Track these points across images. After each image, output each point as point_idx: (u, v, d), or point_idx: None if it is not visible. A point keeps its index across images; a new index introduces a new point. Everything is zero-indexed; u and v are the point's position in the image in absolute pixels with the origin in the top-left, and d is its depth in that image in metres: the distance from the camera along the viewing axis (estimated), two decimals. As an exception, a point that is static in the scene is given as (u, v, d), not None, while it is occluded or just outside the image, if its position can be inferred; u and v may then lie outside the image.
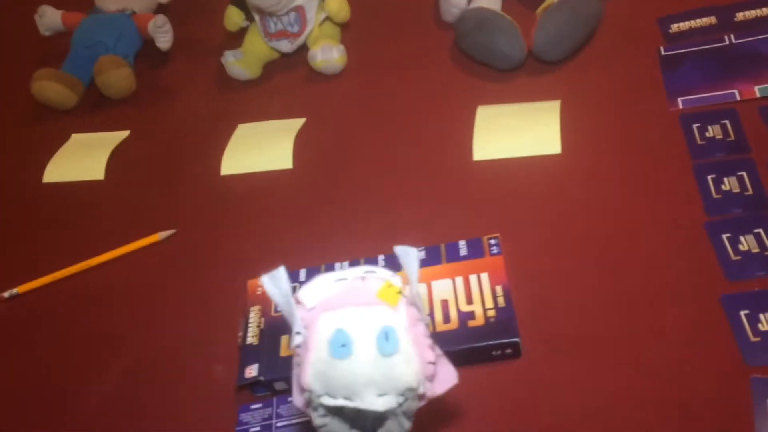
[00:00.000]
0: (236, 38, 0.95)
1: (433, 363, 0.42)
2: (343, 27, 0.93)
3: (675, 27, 0.81)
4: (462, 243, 0.64)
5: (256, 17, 0.90)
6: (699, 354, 0.54)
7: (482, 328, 0.57)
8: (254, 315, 0.63)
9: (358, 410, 0.41)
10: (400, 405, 0.41)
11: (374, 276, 0.43)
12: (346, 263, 0.65)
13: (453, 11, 0.88)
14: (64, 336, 0.70)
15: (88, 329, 0.70)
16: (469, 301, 0.59)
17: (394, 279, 0.43)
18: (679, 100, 0.72)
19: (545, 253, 0.64)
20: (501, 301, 0.58)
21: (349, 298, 0.42)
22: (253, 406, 0.57)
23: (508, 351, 0.57)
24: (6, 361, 0.69)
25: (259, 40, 0.92)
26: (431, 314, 0.59)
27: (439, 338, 0.57)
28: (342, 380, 0.41)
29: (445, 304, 0.59)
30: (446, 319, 0.58)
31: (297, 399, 0.45)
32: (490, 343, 0.56)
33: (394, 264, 0.63)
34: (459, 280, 0.61)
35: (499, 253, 0.62)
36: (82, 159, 0.88)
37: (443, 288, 0.60)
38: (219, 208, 0.78)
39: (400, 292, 0.42)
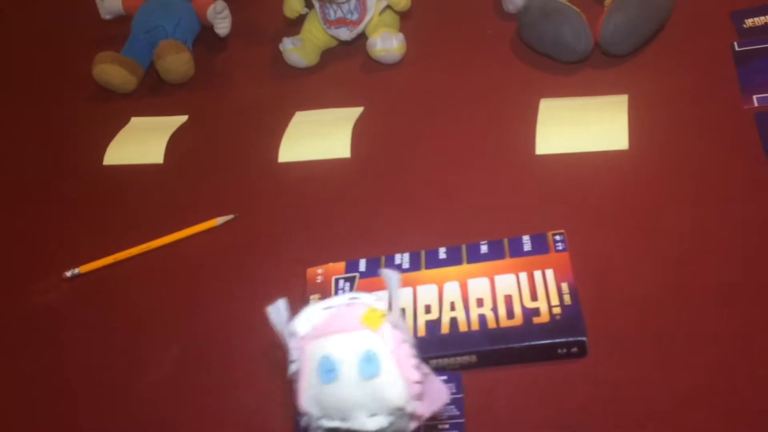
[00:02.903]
0: (295, 25, 0.95)
1: (420, 382, 0.45)
2: (403, 15, 0.93)
3: (749, 22, 0.78)
4: (526, 238, 0.63)
5: (316, 4, 0.90)
6: (774, 361, 0.53)
7: (548, 326, 0.56)
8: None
9: (353, 431, 0.44)
10: (392, 424, 0.44)
11: (359, 302, 0.46)
12: (406, 254, 0.65)
13: (516, 1, 0.86)
14: (124, 316, 0.71)
15: (147, 310, 0.71)
16: (534, 298, 0.58)
17: (378, 303, 0.46)
18: (755, 97, 0.70)
19: (612, 250, 0.62)
20: (567, 298, 0.57)
21: (335, 325, 0.45)
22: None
23: (574, 350, 0.55)
24: (66, 338, 0.70)
25: (317, 27, 0.92)
26: (494, 309, 0.58)
27: (502, 334, 0.57)
28: (333, 403, 0.44)
29: (508, 299, 0.58)
30: (510, 315, 0.57)
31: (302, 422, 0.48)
32: (556, 341, 0.55)
33: (456, 255, 0.63)
34: (523, 275, 0.60)
35: (564, 250, 0.61)
36: (141, 142, 0.90)
37: (507, 283, 0.60)
38: (277, 194, 0.78)
39: (383, 316, 0.45)
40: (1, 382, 0.68)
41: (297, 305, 0.65)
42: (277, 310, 0.46)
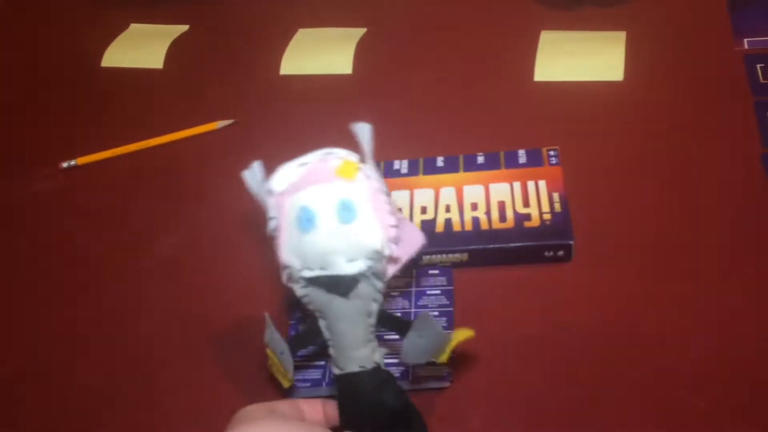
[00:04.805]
0: (301, -55, 0.95)
1: (395, 227, 0.46)
2: (410, -57, 0.93)
3: (745, -29, 0.81)
4: (521, 152, 0.65)
5: (325, -76, 0.90)
6: (747, 273, 0.56)
7: (537, 229, 0.59)
8: (312, 200, 0.65)
9: (332, 277, 0.45)
10: (370, 267, 0.45)
11: (333, 156, 0.47)
12: (405, 161, 0.67)
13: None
14: (121, 207, 0.72)
15: (145, 202, 0.72)
16: (526, 204, 0.61)
17: (351, 156, 0.47)
18: (745, 40, 0.73)
19: (602, 169, 0.65)
20: (557, 206, 0.60)
21: (311, 179, 0.46)
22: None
23: (560, 253, 0.59)
24: (62, 223, 0.71)
25: (325, -53, 0.92)
26: (488, 212, 0.61)
27: (494, 235, 0.59)
28: (313, 252, 0.45)
29: (501, 204, 0.61)
30: (502, 218, 0.60)
31: (283, 277, 0.48)
32: (545, 243, 0.58)
33: (453, 164, 0.65)
34: (517, 184, 0.62)
35: (557, 164, 0.63)
36: (140, 47, 0.90)
37: (500, 190, 0.62)
38: (278, 104, 0.79)
39: (357, 168, 0.46)
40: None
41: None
42: (253, 173, 0.47)
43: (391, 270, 0.46)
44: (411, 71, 0.80)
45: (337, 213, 0.44)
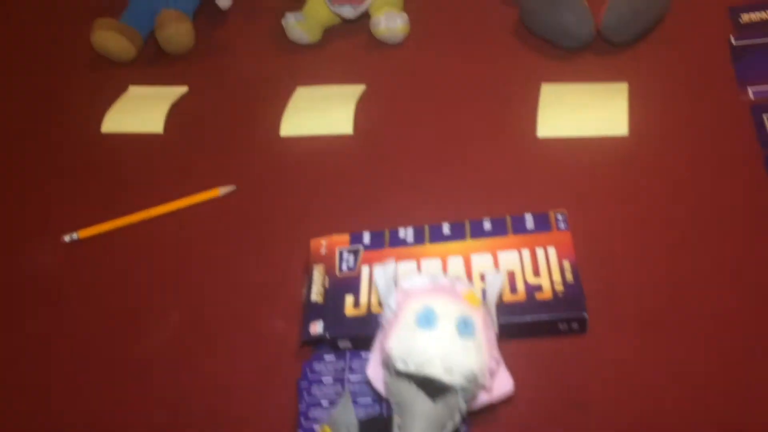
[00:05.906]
0: (297, 0, 0.94)
1: (497, 361, 0.51)
2: (407, -4, 0.93)
3: (746, 17, 0.80)
4: (528, 216, 0.64)
5: (321, -19, 0.90)
6: (765, 340, 0.55)
7: (550, 302, 0.57)
8: (318, 273, 0.64)
9: (425, 379, 0.48)
10: (462, 387, 0.48)
11: (462, 284, 0.53)
12: (410, 229, 0.66)
13: (520, -13, 0.87)
14: (123, 282, 0.71)
15: (147, 277, 0.71)
16: (536, 273, 0.59)
17: (477, 291, 0.53)
18: (750, 90, 0.72)
19: (612, 231, 0.64)
20: (569, 276, 0.59)
21: (441, 291, 0.52)
22: (327, 357, 0.58)
23: (575, 326, 0.57)
24: (63, 301, 0.70)
25: (321, 4, 0.92)
26: (498, 284, 0.60)
27: (505, 309, 0.58)
28: (420, 348, 0.48)
29: (511, 275, 0.60)
30: (513, 289, 0.59)
31: (372, 363, 0.52)
32: (558, 316, 0.57)
33: (459, 231, 0.64)
34: (525, 252, 0.61)
35: (566, 229, 0.62)
36: (140, 111, 0.89)
37: (509, 259, 0.61)
38: (279, 168, 0.78)
39: (480, 302, 0.52)
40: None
41: (297, 275, 0.66)
42: (386, 269, 0.53)
43: (478, 398, 0.50)
44: (412, 129, 0.79)
45: (456, 324, 0.48)
